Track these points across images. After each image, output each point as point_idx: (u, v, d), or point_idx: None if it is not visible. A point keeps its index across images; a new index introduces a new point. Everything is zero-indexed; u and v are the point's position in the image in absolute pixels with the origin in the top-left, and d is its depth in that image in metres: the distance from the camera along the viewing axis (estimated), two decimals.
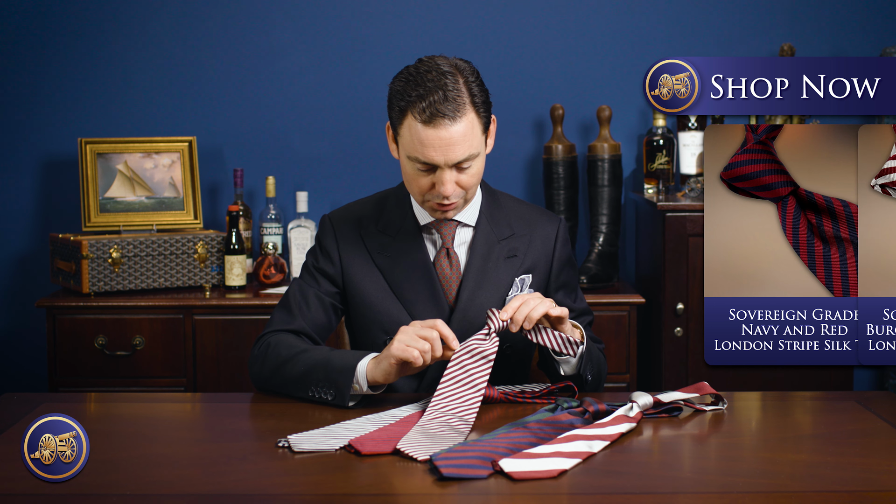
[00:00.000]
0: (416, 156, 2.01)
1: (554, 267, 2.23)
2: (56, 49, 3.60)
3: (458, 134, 1.99)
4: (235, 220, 3.35)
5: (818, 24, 3.64)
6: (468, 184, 2.06)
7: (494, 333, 1.96)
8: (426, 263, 2.15)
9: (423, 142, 1.99)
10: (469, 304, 2.14)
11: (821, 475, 1.66)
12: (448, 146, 1.99)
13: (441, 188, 2.02)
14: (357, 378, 1.96)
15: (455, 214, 2.12)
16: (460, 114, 1.99)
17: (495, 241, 2.18)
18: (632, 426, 1.84)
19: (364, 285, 2.16)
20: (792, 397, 2.24)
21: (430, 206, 2.08)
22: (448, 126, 1.98)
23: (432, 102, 1.98)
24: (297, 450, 1.73)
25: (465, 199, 2.10)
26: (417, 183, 2.05)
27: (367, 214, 2.21)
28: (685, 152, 3.49)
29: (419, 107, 1.98)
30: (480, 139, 2.05)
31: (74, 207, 3.59)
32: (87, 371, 3.23)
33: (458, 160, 2.01)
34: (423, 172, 2.03)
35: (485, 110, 2.04)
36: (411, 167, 2.04)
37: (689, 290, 3.21)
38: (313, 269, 2.20)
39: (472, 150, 2.02)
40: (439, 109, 1.97)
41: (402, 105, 2.01)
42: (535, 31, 3.63)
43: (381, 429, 1.81)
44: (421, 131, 1.99)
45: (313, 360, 2.02)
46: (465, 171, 2.04)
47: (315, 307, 2.16)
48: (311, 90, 3.63)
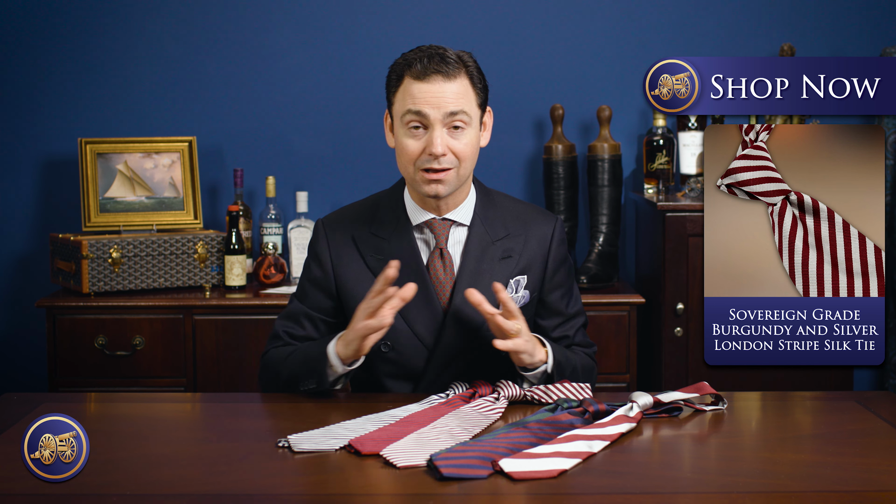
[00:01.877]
0: (409, 108, 2.05)
1: (549, 267, 2.21)
2: (56, 49, 3.60)
3: (451, 91, 2.04)
4: (235, 220, 3.35)
5: (818, 24, 3.64)
6: (461, 152, 2.07)
7: (504, 399, 1.98)
8: (419, 266, 2.14)
9: (416, 94, 2.05)
10: (463, 306, 2.13)
11: (821, 475, 1.66)
12: (440, 98, 2.04)
13: (432, 147, 2.04)
14: (330, 360, 2.03)
15: (446, 190, 2.09)
16: (454, 74, 2.05)
17: (490, 241, 2.17)
18: (632, 426, 1.84)
19: (358, 289, 2.16)
20: (792, 397, 2.24)
21: (422, 177, 2.08)
22: (441, 82, 2.04)
23: (428, 61, 2.05)
24: (297, 450, 1.73)
25: (457, 175, 2.09)
26: (409, 148, 2.07)
27: (360, 217, 2.21)
28: (685, 152, 3.49)
29: (415, 67, 2.05)
30: (475, 111, 2.09)
31: (74, 207, 3.59)
32: (87, 371, 3.23)
33: (449, 111, 2.04)
34: (416, 134, 2.06)
35: (481, 89, 2.10)
36: (404, 131, 2.07)
37: (689, 290, 3.21)
38: (306, 283, 2.22)
39: (465, 108, 2.06)
40: (434, 67, 2.04)
41: (398, 72, 2.08)
42: (536, 31, 3.63)
43: (381, 429, 1.81)
44: (414, 86, 2.05)
45: (295, 359, 2.10)
46: (457, 134, 2.06)
47: (308, 327, 2.21)
48: (311, 90, 3.63)
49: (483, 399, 1.96)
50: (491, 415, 1.91)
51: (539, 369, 2.07)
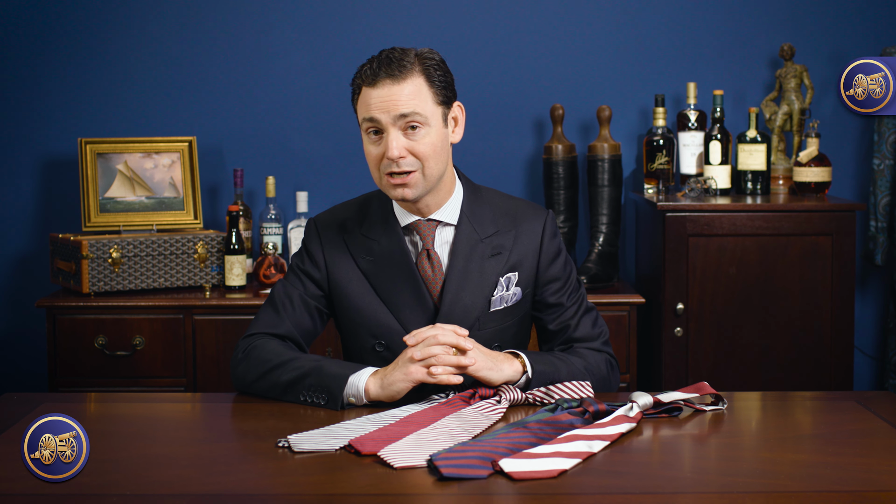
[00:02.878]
0: (363, 116, 2.06)
1: (542, 262, 2.19)
2: (56, 49, 3.60)
3: (400, 92, 2.03)
4: (235, 220, 3.35)
5: (818, 24, 3.64)
6: (421, 152, 2.05)
7: (506, 401, 1.97)
8: (409, 267, 2.14)
9: (367, 101, 2.05)
10: (453, 306, 2.13)
11: (821, 475, 1.66)
12: (389, 102, 2.03)
13: (388, 151, 2.04)
14: (355, 390, 1.98)
15: (414, 193, 2.08)
16: (404, 76, 2.04)
17: (478, 239, 2.15)
18: (632, 426, 1.84)
19: (350, 290, 2.16)
20: (792, 397, 2.24)
21: (388, 181, 2.08)
22: (389, 85, 2.03)
23: (377, 66, 2.05)
24: (297, 450, 1.73)
25: (423, 177, 2.07)
26: (371, 155, 2.08)
27: (350, 218, 2.21)
28: (685, 152, 3.49)
29: (366, 74, 2.06)
30: (433, 109, 2.06)
31: (74, 207, 3.59)
32: (87, 371, 3.23)
33: (399, 113, 2.03)
34: (374, 140, 2.07)
35: (441, 86, 2.08)
36: (366, 138, 2.08)
37: (689, 290, 3.21)
38: (299, 271, 2.20)
39: (417, 109, 2.04)
40: (381, 70, 2.04)
41: (357, 82, 2.09)
42: (536, 32, 3.63)
43: (381, 429, 1.81)
44: (367, 93, 2.06)
45: (305, 366, 2.02)
46: (414, 135, 2.04)
47: (300, 309, 2.17)
48: (310, 90, 3.63)
49: (484, 401, 1.96)
50: (492, 415, 1.91)
51: (520, 381, 2.04)
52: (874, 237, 3.55)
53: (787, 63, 3.51)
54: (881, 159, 3.51)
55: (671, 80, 3.63)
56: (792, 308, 3.22)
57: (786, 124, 3.54)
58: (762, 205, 3.24)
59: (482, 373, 1.98)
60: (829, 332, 3.23)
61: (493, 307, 2.14)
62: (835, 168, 3.59)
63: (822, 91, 3.65)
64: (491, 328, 2.15)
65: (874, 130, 3.54)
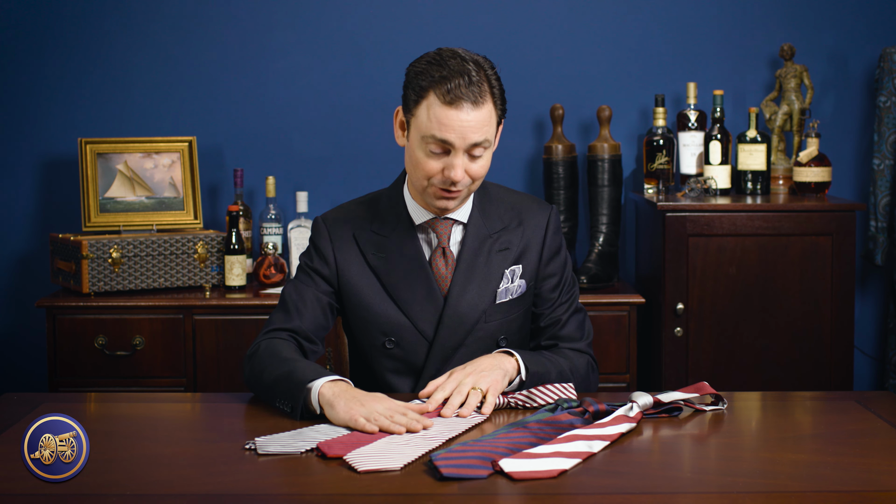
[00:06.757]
0: (433, 134, 2.00)
1: (544, 255, 2.21)
2: (56, 49, 3.60)
3: (477, 120, 2.00)
4: (235, 220, 3.35)
5: (818, 24, 3.64)
6: (476, 174, 2.06)
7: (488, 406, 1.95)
8: (422, 263, 2.15)
9: (443, 121, 2.00)
10: (458, 300, 2.14)
11: (821, 475, 1.66)
12: (467, 128, 2.00)
13: (452, 172, 2.02)
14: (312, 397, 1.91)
15: (456, 207, 2.11)
16: (482, 101, 2.01)
17: (486, 235, 2.17)
18: (632, 426, 1.84)
19: (359, 287, 2.16)
20: (792, 397, 2.24)
21: (434, 191, 2.07)
22: (469, 110, 2.00)
23: (457, 85, 1.99)
24: (261, 452, 1.72)
25: (468, 192, 2.10)
26: (426, 166, 2.04)
27: (360, 215, 2.21)
28: (685, 152, 3.49)
29: (443, 88, 1.99)
30: (494, 132, 2.07)
31: (74, 207, 3.59)
32: (87, 371, 3.23)
33: (474, 142, 2.01)
34: (435, 155, 2.03)
35: (501, 104, 2.07)
36: (423, 149, 2.04)
37: (689, 290, 3.21)
38: (308, 269, 2.20)
39: (488, 136, 2.03)
40: (463, 92, 1.99)
41: (423, 84, 2.01)
42: (536, 31, 3.63)
43: (350, 434, 1.79)
44: (441, 111, 1.99)
45: (281, 370, 1.98)
46: (476, 159, 2.04)
47: (312, 306, 2.16)
48: (311, 90, 3.63)
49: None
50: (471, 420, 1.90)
51: (514, 382, 2.06)
52: (874, 237, 3.55)
53: (787, 63, 3.51)
54: (881, 159, 3.51)
55: (671, 80, 3.63)
56: (792, 308, 3.22)
57: (786, 124, 3.54)
58: (762, 205, 3.24)
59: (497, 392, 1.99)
60: (829, 332, 3.23)
61: (499, 299, 2.16)
62: (835, 168, 3.59)
63: (822, 91, 3.65)
64: (497, 321, 2.16)
65: (874, 130, 3.54)
